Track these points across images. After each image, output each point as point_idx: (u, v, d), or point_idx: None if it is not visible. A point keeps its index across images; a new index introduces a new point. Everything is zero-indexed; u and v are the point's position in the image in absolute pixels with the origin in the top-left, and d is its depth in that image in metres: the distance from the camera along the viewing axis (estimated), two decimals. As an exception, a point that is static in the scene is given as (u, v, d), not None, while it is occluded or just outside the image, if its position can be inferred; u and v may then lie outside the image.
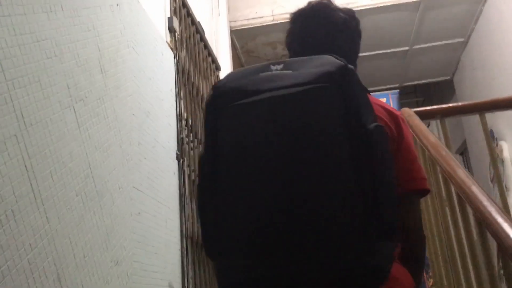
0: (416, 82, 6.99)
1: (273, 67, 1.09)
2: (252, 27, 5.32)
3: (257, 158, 0.99)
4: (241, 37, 5.53)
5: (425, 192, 1.26)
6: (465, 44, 6.06)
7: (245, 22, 5.30)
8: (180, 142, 3.06)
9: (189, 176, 3.14)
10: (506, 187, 4.64)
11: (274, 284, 0.98)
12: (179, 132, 3.08)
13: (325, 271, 0.95)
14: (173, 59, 3.19)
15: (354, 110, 1.00)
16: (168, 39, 3.18)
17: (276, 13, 5.22)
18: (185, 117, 3.23)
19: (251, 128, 1.02)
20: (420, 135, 2.14)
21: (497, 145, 5.10)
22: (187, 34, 3.60)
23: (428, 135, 2.04)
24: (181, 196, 2.91)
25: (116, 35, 2.31)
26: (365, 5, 4.93)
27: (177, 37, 3.31)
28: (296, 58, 1.14)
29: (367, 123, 0.99)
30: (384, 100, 5.61)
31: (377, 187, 0.95)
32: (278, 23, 5.22)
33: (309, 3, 1.43)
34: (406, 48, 6.04)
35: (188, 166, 3.15)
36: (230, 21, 5.17)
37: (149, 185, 2.47)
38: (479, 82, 5.86)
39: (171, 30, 3.22)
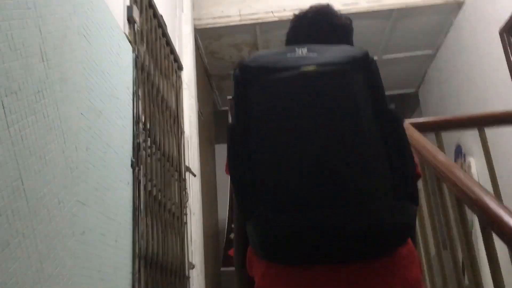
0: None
1: (297, 50, 1.19)
2: (218, 27, 4.99)
3: (299, 125, 1.10)
4: (205, 37, 5.19)
5: (417, 177, 1.27)
6: (433, 56, 5.96)
7: (210, 21, 4.96)
8: (136, 147, 2.69)
9: (145, 186, 2.76)
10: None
11: (318, 235, 1.06)
12: (135, 136, 2.70)
13: (364, 225, 1.05)
14: (132, 54, 2.82)
15: (380, 92, 1.17)
16: (127, 31, 2.80)
17: (243, 13, 4.91)
18: (143, 120, 2.86)
19: (289, 98, 1.12)
20: (426, 153, 1.88)
21: (464, 161, 4.98)
22: (148, 27, 3.23)
23: (436, 153, 1.79)
24: (135, 210, 2.53)
25: (63, 18, 1.93)
26: (338, 10, 4.70)
27: (137, 29, 2.94)
28: (318, 45, 1.23)
29: (388, 105, 1.17)
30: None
31: (402, 159, 1.12)
32: (245, 24, 4.92)
33: (313, 7, 1.53)
34: (375, 58, 5.86)
35: (145, 175, 2.77)
36: (194, 19, 4.81)
37: (98, 198, 2.09)
38: (445, 96, 5.77)
39: (130, 20, 2.85)
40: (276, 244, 1.10)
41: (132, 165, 2.65)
